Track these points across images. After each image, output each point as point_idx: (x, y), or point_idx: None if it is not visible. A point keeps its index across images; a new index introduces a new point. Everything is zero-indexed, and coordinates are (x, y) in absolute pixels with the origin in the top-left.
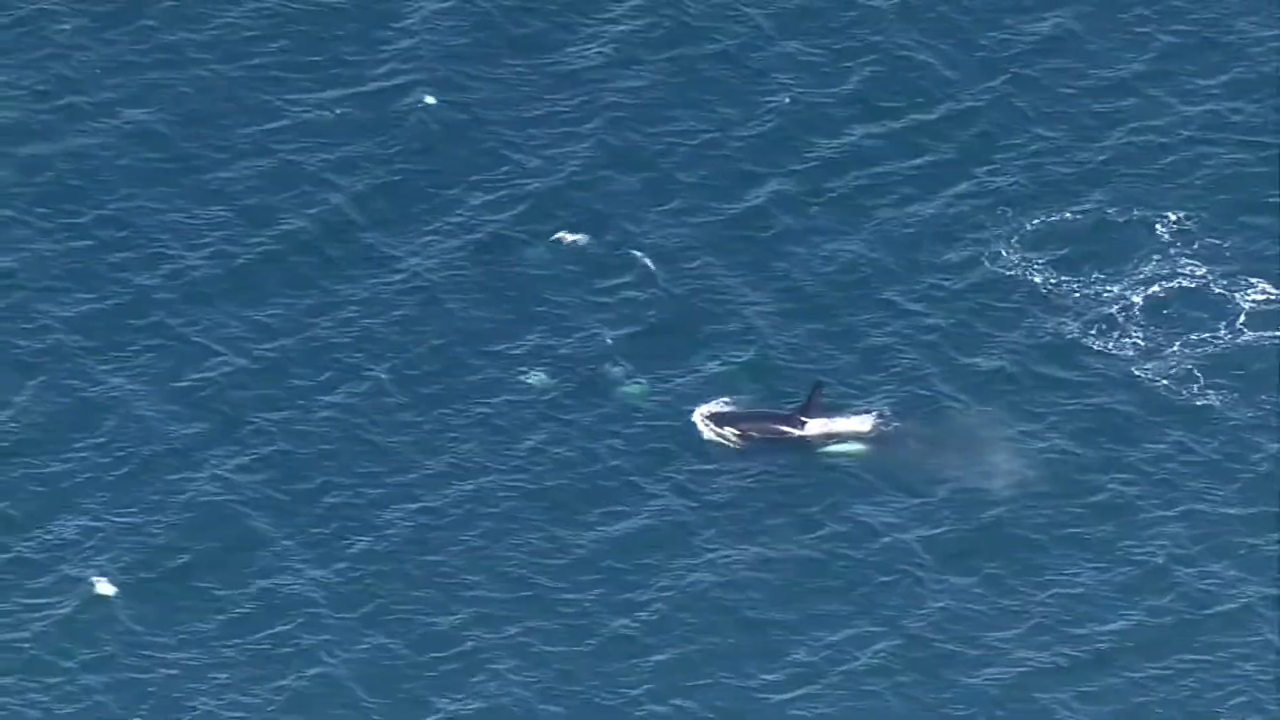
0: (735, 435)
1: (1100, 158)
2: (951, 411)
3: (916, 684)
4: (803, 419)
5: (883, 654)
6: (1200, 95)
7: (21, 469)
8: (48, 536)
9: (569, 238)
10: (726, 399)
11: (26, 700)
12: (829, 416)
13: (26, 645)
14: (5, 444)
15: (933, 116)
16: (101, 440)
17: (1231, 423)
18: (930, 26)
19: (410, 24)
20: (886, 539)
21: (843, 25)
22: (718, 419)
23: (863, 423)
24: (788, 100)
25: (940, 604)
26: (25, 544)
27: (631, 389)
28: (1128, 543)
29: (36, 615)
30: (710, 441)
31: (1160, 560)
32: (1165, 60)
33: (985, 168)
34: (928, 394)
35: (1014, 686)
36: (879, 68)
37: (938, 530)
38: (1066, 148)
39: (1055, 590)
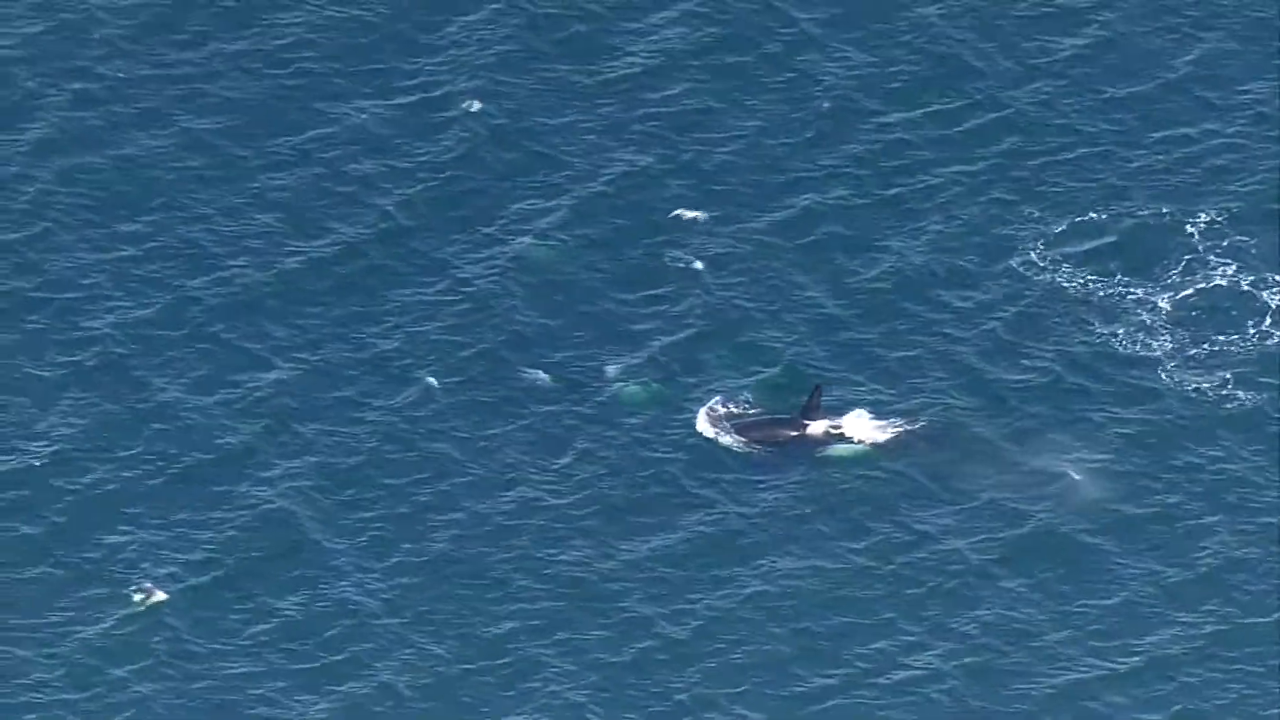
0: (737, 437)
1: (1136, 161)
2: (988, 417)
3: (967, 689)
4: (804, 421)
5: (934, 659)
6: (1243, 96)
7: (69, 478)
8: (97, 546)
9: (688, 214)
10: (726, 401)
11: (78, 709)
12: (830, 418)
13: (78, 654)
14: (53, 453)
15: (973, 121)
16: (149, 448)
17: (1270, 427)
18: (973, 29)
19: (455, 31)
20: (935, 545)
21: (885, 30)
22: (720, 421)
23: (865, 424)
24: (826, 105)
25: (990, 609)
26: (75, 553)
27: (634, 391)
28: (1175, 549)
29: (87, 624)
30: (736, 447)
31: (1205, 568)
32: (1205, 63)
33: (1025, 169)
34: (966, 399)
35: (1064, 692)
36: (922, 70)
37: (986, 536)
38: (1106, 149)
39: (1104, 596)
